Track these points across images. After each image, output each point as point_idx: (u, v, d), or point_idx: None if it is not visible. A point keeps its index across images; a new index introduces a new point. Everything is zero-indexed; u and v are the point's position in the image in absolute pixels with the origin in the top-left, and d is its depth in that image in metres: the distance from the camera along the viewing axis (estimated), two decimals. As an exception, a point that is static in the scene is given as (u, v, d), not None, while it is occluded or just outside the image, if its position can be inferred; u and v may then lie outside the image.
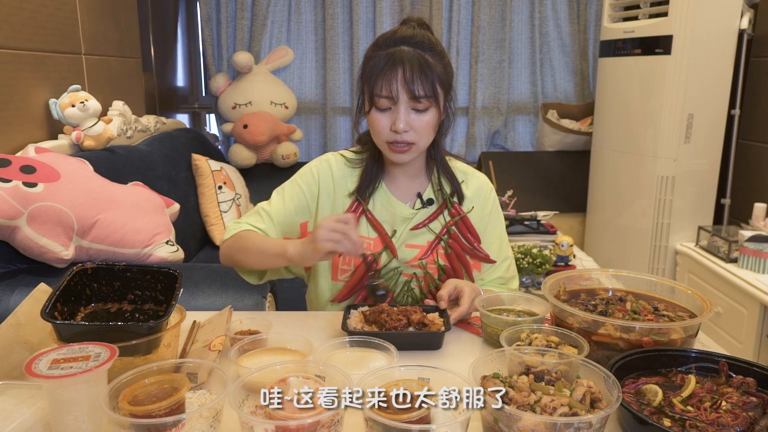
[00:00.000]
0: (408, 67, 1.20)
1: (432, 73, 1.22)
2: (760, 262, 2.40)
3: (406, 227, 1.35)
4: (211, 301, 1.67)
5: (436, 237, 1.36)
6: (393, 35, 1.25)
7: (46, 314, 0.91)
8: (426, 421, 0.77)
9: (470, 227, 1.38)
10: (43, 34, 2.10)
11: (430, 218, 1.36)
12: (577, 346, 0.99)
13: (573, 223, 3.51)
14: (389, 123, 1.24)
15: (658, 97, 2.74)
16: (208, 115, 3.88)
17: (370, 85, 1.24)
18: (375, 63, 1.23)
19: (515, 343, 1.01)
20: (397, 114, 1.22)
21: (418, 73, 1.20)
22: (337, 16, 3.46)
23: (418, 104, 1.22)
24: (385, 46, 1.24)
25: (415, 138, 1.25)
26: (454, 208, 1.38)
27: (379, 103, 1.24)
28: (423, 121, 1.24)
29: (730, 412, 0.83)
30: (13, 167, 1.64)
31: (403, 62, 1.20)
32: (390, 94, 1.21)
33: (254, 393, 0.83)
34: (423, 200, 1.37)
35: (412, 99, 1.21)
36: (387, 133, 1.25)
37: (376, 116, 1.25)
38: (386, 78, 1.21)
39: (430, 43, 1.25)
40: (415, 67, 1.20)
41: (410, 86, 1.20)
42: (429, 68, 1.22)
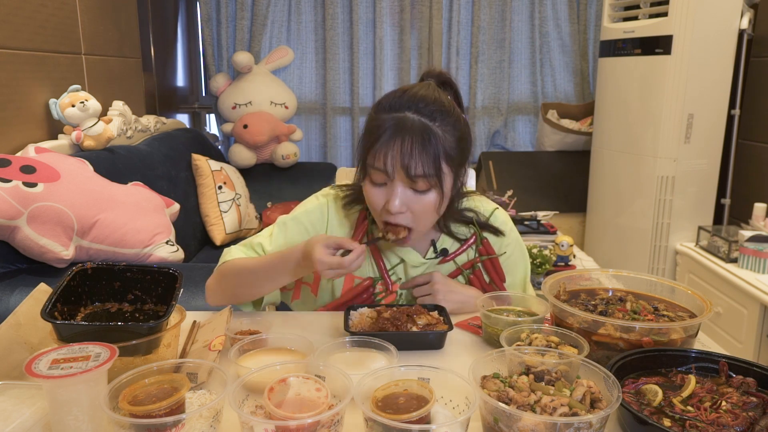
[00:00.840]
0: (408, 141, 1.04)
1: (436, 149, 1.05)
2: (760, 262, 2.40)
3: (417, 272, 1.27)
4: (211, 301, 1.66)
5: (457, 269, 1.29)
6: (400, 97, 1.09)
7: (46, 314, 0.91)
8: (426, 421, 0.77)
9: (498, 267, 1.30)
10: (43, 34, 2.10)
11: (457, 253, 1.28)
12: (577, 346, 0.99)
13: (573, 223, 3.51)
14: (383, 200, 1.10)
15: (658, 97, 2.74)
16: (208, 115, 3.89)
17: (365, 154, 1.10)
18: (372, 131, 1.08)
19: (515, 343, 1.01)
20: (392, 192, 1.08)
21: (419, 149, 1.04)
22: (337, 16, 3.46)
23: (415, 184, 1.07)
24: (389, 109, 1.09)
25: (412, 222, 1.11)
26: (483, 245, 1.29)
27: (373, 176, 1.10)
28: (422, 202, 1.09)
29: (730, 412, 0.83)
30: (13, 167, 1.64)
31: (402, 134, 1.05)
32: (384, 168, 1.06)
33: (254, 393, 0.83)
34: (437, 249, 1.27)
35: (408, 178, 1.06)
36: (379, 210, 1.12)
37: (370, 190, 1.12)
38: (383, 150, 1.06)
39: (442, 108, 1.08)
40: (416, 141, 1.04)
41: (406, 163, 1.04)
42: (433, 143, 1.05)
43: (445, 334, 1.11)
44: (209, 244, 2.75)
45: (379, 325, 1.12)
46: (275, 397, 0.79)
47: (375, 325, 1.13)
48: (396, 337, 1.07)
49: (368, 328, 1.13)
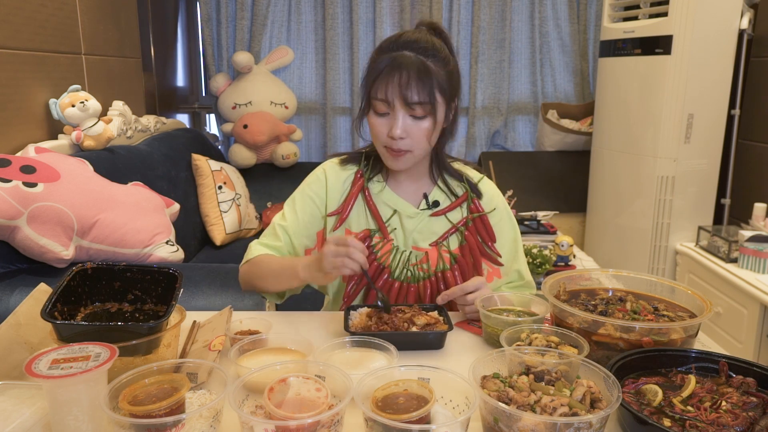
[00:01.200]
0: (405, 73, 1.18)
1: (431, 80, 1.19)
2: (760, 262, 2.40)
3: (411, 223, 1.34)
4: (211, 301, 1.67)
5: (452, 226, 1.36)
6: (397, 39, 1.23)
7: (46, 314, 0.91)
8: (426, 421, 0.77)
9: (488, 226, 1.38)
10: (43, 34, 2.10)
11: (450, 207, 1.36)
12: (577, 346, 0.99)
13: (573, 223, 3.51)
14: (386, 128, 1.23)
15: (658, 97, 2.74)
16: (208, 115, 3.89)
17: (368, 88, 1.23)
18: (375, 67, 1.22)
19: (515, 343, 1.01)
20: (394, 120, 1.21)
21: (415, 80, 1.18)
22: (337, 16, 3.46)
23: (413, 111, 1.21)
24: (388, 50, 1.23)
25: (411, 145, 1.24)
26: (473, 203, 1.38)
27: (376, 107, 1.23)
28: (420, 128, 1.22)
29: (730, 412, 0.83)
30: (13, 167, 1.64)
31: (401, 67, 1.19)
32: (386, 98, 1.20)
33: (254, 393, 0.83)
34: (429, 201, 1.36)
35: (407, 105, 1.20)
36: (384, 138, 1.24)
37: (373, 120, 1.25)
38: (383, 82, 1.20)
39: (434, 48, 1.22)
40: (413, 73, 1.18)
41: (405, 92, 1.18)
42: (428, 74, 1.19)
43: (445, 334, 1.11)
44: (209, 244, 2.75)
45: (378, 326, 1.12)
46: (275, 397, 0.79)
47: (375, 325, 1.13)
48: (396, 337, 1.07)
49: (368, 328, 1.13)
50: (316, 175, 1.39)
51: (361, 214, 1.35)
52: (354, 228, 1.35)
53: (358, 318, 1.17)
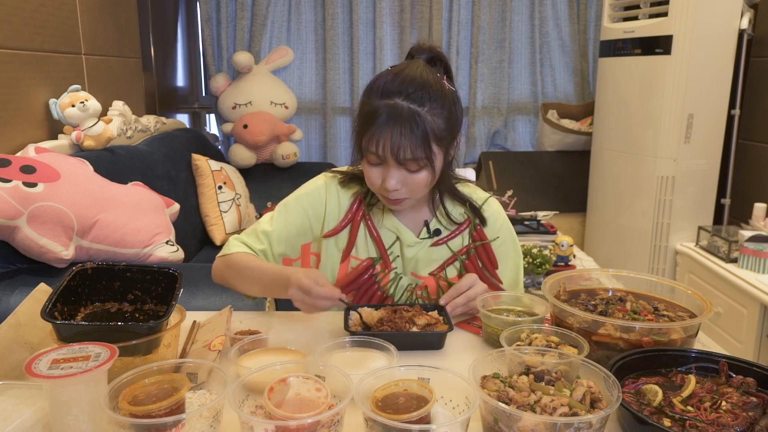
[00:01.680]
0: (397, 130, 1.11)
1: (425, 133, 1.12)
2: (760, 262, 2.40)
3: (412, 251, 1.31)
4: (211, 301, 1.67)
5: (452, 255, 1.33)
6: (391, 81, 1.14)
7: (46, 314, 0.91)
8: (426, 421, 0.77)
9: (490, 253, 1.34)
10: (43, 34, 2.10)
11: (451, 236, 1.32)
12: (577, 346, 0.99)
13: (573, 223, 3.51)
14: (380, 178, 1.18)
15: (658, 97, 2.74)
16: (208, 115, 3.89)
17: (360, 138, 1.17)
18: (366, 116, 1.15)
19: (515, 343, 1.01)
20: (387, 171, 1.16)
21: (408, 136, 1.11)
22: (337, 16, 3.46)
23: (407, 166, 1.15)
24: (380, 95, 1.14)
25: (408, 194, 1.20)
26: (476, 231, 1.33)
27: (369, 158, 1.18)
28: (415, 179, 1.17)
29: (730, 412, 0.83)
30: (13, 167, 1.64)
31: (392, 123, 1.11)
32: (377, 153, 1.14)
33: (254, 393, 0.83)
34: (430, 230, 1.32)
35: (399, 162, 1.14)
36: (379, 186, 1.20)
37: (367, 169, 1.20)
38: (375, 137, 1.13)
39: (429, 91, 1.14)
40: (405, 128, 1.11)
41: (396, 152, 1.12)
42: (422, 128, 1.12)
43: (445, 334, 1.11)
44: (209, 244, 2.75)
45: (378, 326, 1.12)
46: (275, 397, 0.79)
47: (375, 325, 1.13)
48: (396, 337, 1.07)
49: None
50: (316, 188, 1.33)
51: (363, 241, 1.31)
52: (360, 254, 1.32)
53: (358, 318, 1.17)
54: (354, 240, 1.31)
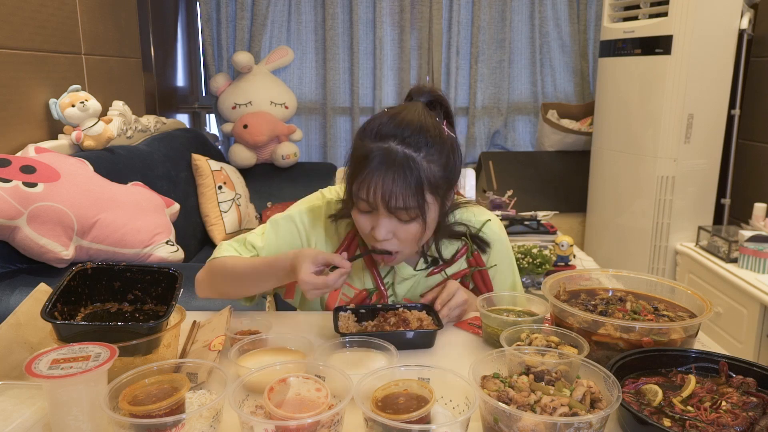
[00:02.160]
0: (390, 176, 1.04)
1: (419, 182, 1.05)
2: (760, 262, 2.40)
3: (405, 285, 1.28)
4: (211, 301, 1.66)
5: (444, 281, 1.28)
6: (386, 124, 1.08)
7: (46, 314, 0.91)
8: (426, 421, 0.77)
9: (486, 279, 1.31)
10: (43, 34, 2.10)
11: (447, 264, 1.29)
12: (577, 346, 0.99)
13: (573, 223, 3.51)
14: (370, 226, 1.11)
15: (658, 97, 2.74)
16: (208, 115, 3.89)
17: (351, 182, 1.11)
18: (358, 160, 1.08)
19: (515, 343, 1.01)
20: (377, 221, 1.09)
21: (400, 183, 1.04)
22: (337, 16, 3.46)
23: (399, 216, 1.09)
24: (374, 137, 1.08)
25: (398, 247, 1.13)
26: (473, 257, 1.29)
27: (359, 205, 1.11)
28: (406, 230, 1.10)
29: (730, 412, 0.83)
30: (13, 167, 1.64)
31: (385, 168, 1.04)
32: (367, 200, 1.07)
33: (254, 393, 0.83)
34: (428, 259, 1.27)
35: (389, 211, 1.07)
36: (368, 235, 1.13)
37: (357, 216, 1.13)
38: (366, 183, 1.06)
39: (426, 135, 1.07)
40: (399, 174, 1.04)
41: (388, 200, 1.05)
42: (416, 175, 1.05)
43: (434, 333, 1.11)
44: (209, 244, 2.75)
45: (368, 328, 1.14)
46: (275, 397, 0.79)
47: None
48: (386, 336, 1.07)
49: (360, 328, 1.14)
50: (312, 210, 1.28)
51: (359, 270, 1.28)
52: (354, 284, 1.29)
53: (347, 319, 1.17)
54: None
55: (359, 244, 1.26)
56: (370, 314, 1.19)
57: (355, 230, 1.24)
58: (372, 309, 1.20)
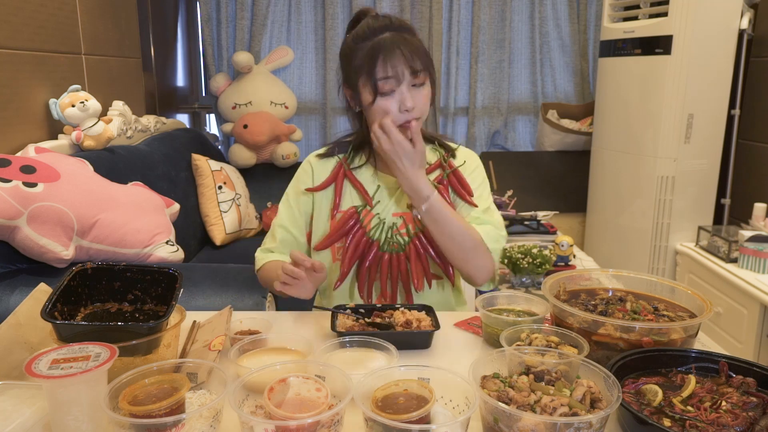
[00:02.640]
0: (403, 47, 1.25)
1: (421, 49, 1.28)
2: (760, 262, 2.40)
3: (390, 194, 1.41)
4: (211, 301, 1.67)
5: None
6: (372, 25, 1.29)
7: (46, 314, 0.91)
8: (426, 421, 0.77)
9: (462, 181, 1.42)
10: (43, 34, 2.10)
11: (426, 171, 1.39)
12: (577, 346, 0.99)
13: (573, 223, 3.51)
14: (396, 105, 1.28)
15: (658, 97, 2.74)
16: (208, 115, 3.88)
17: (370, 73, 1.26)
18: (370, 52, 1.26)
19: (515, 343, 1.01)
20: (402, 94, 1.27)
21: (412, 51, 1.26)
22: (337, 16, 3.46)
23: (417, 79, 1.27)
24: (370, 36, 1.28)
25: (420, 112, 1.30)
26: (447, 163, 1.43)
27: (382, 87, 1.27)
28: (423, 94, 1.30)
29: (730, 412, 0.83)
30: (13, 167, 1.64)
31: (397, 44, 1.25)
32: (396, 74, 1.25)
33: (254, 393, 0.83)
34: None
35: (414, 75, 1.26)
36: (396, 116, 1.29)
37: (382, 103, 1.28)
38: (388, 61, 1.25)
39: (406, 25, 1.32)
40: (408, 46, 1.26)
41: (412, 63, 1.25)
42: (417, 45, 1.28)
43: (431, 333, 1.12)
44: (209, 244, 2.75)
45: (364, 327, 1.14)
46: (275, 397, 0.79)
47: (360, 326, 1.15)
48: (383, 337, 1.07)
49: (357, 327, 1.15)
50: (303, 169, 1.48)
51: (348, 195, 1.43)
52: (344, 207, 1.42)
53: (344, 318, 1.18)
54: (339, 196, 1.41)
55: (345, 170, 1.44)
56: (369, 315, 1.19)
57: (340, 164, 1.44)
58: (371, 309, 1.21)
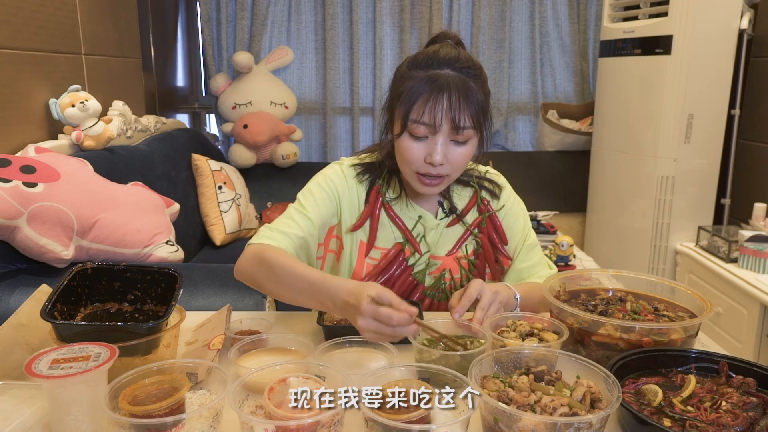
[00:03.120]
0: (455, 95, 1.09)
1: (476, 102, 1.12)
2: (760, 262, 2.40)
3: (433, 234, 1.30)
4: (211, 301, 1.67)
5: (466, 230, 1.33)
6: (435, 55, 1.14)
7: (45, 314, 0.91)
8: (426, 421, 0.77)
9: (498, 227, 1.34)
10: (43, 34, 2.10)
11: (464, 212, 1.33)
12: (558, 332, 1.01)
13: (573, 223, 3.51)
14: (424, 153, 1.14)
15: (658, 97, 2.74)
16: (208, 115, 3.88)
17: (406, 109, 1.12)
18: (416, 85, 1.11)
19: (499, 329, 1.04)
20: (434, 145, 1.12)
21: (464, 102, 1.10)
22: (337, 16, 3.46)
23: (459, 136, 1.13)
24: (426, 66, 1.13)
25: (450, 171, 1.16)
26: (482, 203, 1.34)
27: (415, 130, 1.13)
28: (460, 153, 1.15)
29: (730, 412, 0.83)
30: (13, 167, 1.64)
31: (449, 88, 1.10)
32: (432, 122, 1.11)
33: (254, 393, 0.83)
34: (445, 209, 1.33)
35: (454, 130, 1.12)
36: (419, 163, 1.15)
37: (408, 144, 1.14)
38: (429, 104, 1.10)
39: (475, 67, 1.15)
40: (462, 94, 1.10)
41: (455, 115, 1.10)
42: (474, 96, 1.12)
43: None
44: (209, 244, 2.75)
45: None
46: (275, 397, 0.79)
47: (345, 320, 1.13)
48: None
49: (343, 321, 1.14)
50: (335, 171, 1.29)
51: (387, 230, 1.29)
52: (381, 244, 1.29)
53: None
54: (375, 231, 1.28)
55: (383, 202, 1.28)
56: None
57: (377, 191, 1.28)
58: None
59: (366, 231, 1.29)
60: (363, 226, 1.29)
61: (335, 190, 1.27)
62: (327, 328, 1.13)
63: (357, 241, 1.30)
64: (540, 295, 1.19)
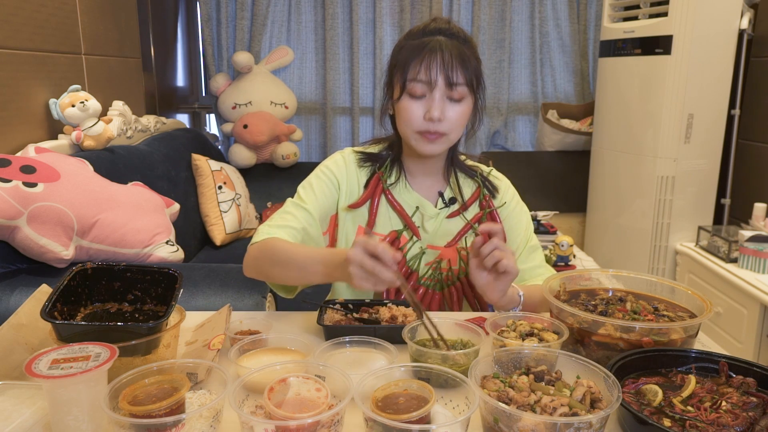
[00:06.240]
0: (447, 54, 1.17)
1: (469, 63, 1.19)
2: (760, 262, 2.40)
3: (432, 223, 1.33)
4: (211, 301, 1.67)
5: (466, 225, 1.35)
6: (427, 26, 1.23)
7: (45, 314, 0.91)
8: (426, 421, 0.77)
9: (498, 221, 1.36)
10: (43, 34, 2.10)
11: (465, 206, 1.35)
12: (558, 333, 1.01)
13: (573, 223, 3.51)
14: (423, 111, 1.20)
15: (658, 97, 2.74)
16: (208, 115, 3.88)
17: (404, 71, 1.19)
18: (411, 49, 1.20)
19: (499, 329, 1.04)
20: (432, 101, 1.19)
21: (457, 60, 1.17)
22: (337, 16, 3.46)
23: (453, 93, 1.19)
24: (421, 35, 1.22)
25: (448, 128, 1.21)
26: (485, 199, 1.37)
27: (413, 89, 1.19)
28: (457, 111, 1.21)
29: (730, 412, 0.83)
30: (13, 167, 1.64)
31: (442, 49, 1.18)
32: (428, 78, 1.17)
33: (254, 393, 0.83)
34: (445, 199, 1.36)
35: (449, 86, 1.18)
36: (419, 122, 1.21)
37: (408, 104, 1.21)
38: (424, 62, 1.17)
39: (465, 36, 1.24)
40: (455, 54, 1.17)
41: (449, 72, 1.17)
42: (466, 56, 1.19)
43: None
44: (209, 244, 2.75)
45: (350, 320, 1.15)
46: (275, 397, 0.79)
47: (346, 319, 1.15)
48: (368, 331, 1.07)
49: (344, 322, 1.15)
50: (335, 160, 1.34)
51: (384, 216, 1.33)
52: (379, 229, 1.33)
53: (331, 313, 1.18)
54: (375, 215, 1.31)
55: (384, 188, 1.32)
56: (357, 310, 1.19)
57: (377, 177, 1.32)
58: (359, 304, 1.21)
59: (365, 216, 1.33)
60: (361, 211, 1.33)
61: (334, 178, 1.32)
62: (327, 328, 1.13)
63: (356, 225, 1.33)
64: (540, 296, 1.21)
